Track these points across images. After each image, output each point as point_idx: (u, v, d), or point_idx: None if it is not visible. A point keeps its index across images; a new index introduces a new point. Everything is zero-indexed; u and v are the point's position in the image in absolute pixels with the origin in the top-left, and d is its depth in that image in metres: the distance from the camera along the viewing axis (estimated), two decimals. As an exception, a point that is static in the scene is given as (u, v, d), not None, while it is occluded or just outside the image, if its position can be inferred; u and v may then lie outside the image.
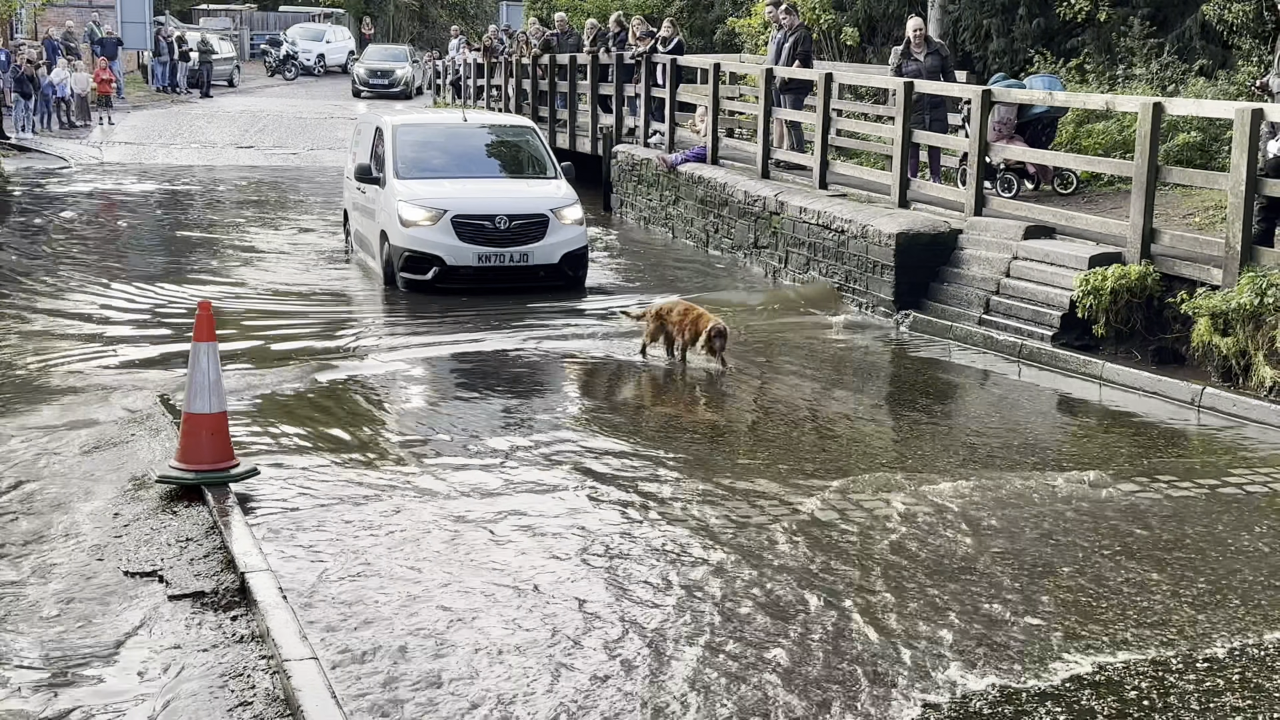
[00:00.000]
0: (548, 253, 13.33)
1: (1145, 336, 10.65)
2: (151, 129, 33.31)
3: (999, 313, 11.64)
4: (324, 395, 9.50)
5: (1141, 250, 10.82)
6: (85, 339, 11.47)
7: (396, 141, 14.31)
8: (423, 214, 13.13)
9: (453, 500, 7.17)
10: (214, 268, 15.49)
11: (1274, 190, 10.14)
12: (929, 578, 6.09)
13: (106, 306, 12.91)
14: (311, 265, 15.80)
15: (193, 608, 5.76)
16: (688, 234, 17.38)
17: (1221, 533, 6.75)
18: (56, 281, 14.24)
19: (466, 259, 13.06)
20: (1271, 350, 9.42)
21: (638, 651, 5.30)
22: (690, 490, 7.40)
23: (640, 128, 20.16)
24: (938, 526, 6.78)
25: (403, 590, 5.90)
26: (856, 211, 13.57)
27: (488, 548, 6.46)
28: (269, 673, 5.09)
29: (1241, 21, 14.26)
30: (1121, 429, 8.95)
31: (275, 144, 31.39)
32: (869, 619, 5.60)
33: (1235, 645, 5.37)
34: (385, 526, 6.73)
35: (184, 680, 5.11)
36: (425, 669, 5.11)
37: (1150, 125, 10.79)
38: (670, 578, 6.12)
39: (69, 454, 8.05)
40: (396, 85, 43.09)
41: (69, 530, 6.71)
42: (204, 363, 7.23)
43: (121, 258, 16.45)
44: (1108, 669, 5.13)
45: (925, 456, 8.23)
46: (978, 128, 12.79)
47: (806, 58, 16.84)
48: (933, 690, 4.96)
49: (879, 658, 5.23)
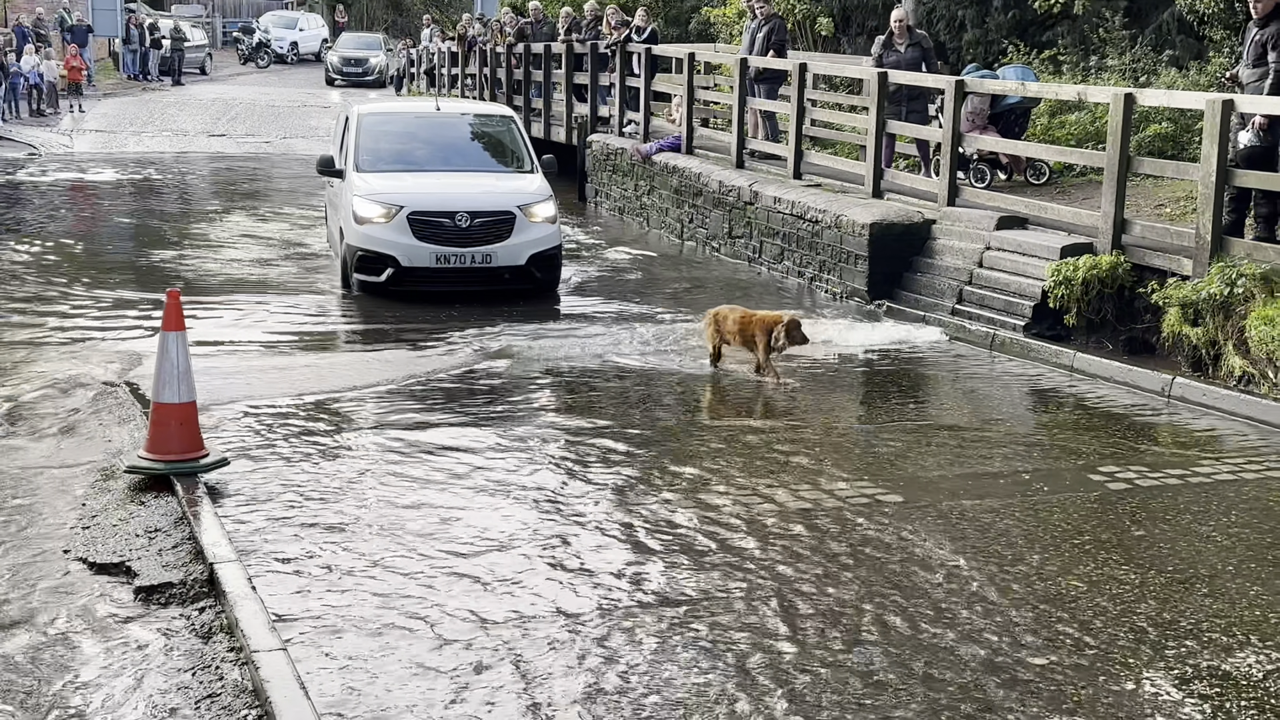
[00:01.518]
0: (513, 253, 12.32)
1: (1116, 326, 10.71)
2: (122, 117, 33.10)
3: (972, 302, 11.69)
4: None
5: (1113, 241, 10.87)
6: (51, 327, 11.38)
7: (360, 131, 13.41)
8: (378, 210, 12.20)
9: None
10: (179, 257, 15.34)
11: (1244, 181, 10.19)
12: (897, 568, 6.11)
13: (71, 295, 12.81)
14: (274, 260, 15.49)
15: (160, 599, 5.74)
16: (662, 224, 17.37)
17: (1189, 522, 6.80)
18: (25, 264, 14.15)
19: (423, 259, 12.07)
20: (1241, 340, 9.47)
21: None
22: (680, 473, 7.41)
23: (615, 117, 20.15)
24: (909, 516, 6.81)
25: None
26: (831, 202, 13.60)
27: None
28: (237, 664, 5.07)
29: (1213, 12, 14.32)
30: (1092, 419, 8.98)
31: (247, 132, 31.24)
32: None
33: (1202, 626, 5.42)
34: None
35: (150, 673, 5.09)
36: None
37: (1122, 116, 10.83)
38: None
39: (33, 444, 8.00)
40: (370, 74, 42.96)
41: (35, 522, 6.68)
42: (173, 352, 7.18)
43: (92, 244, 16.33)
44: (1089, 645, 5.18)
45: (898, 449, 8.26)
46: (951, 118, 12.82)
47: (781, 48, 16.82)
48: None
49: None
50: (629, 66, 19.60)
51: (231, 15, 59.32)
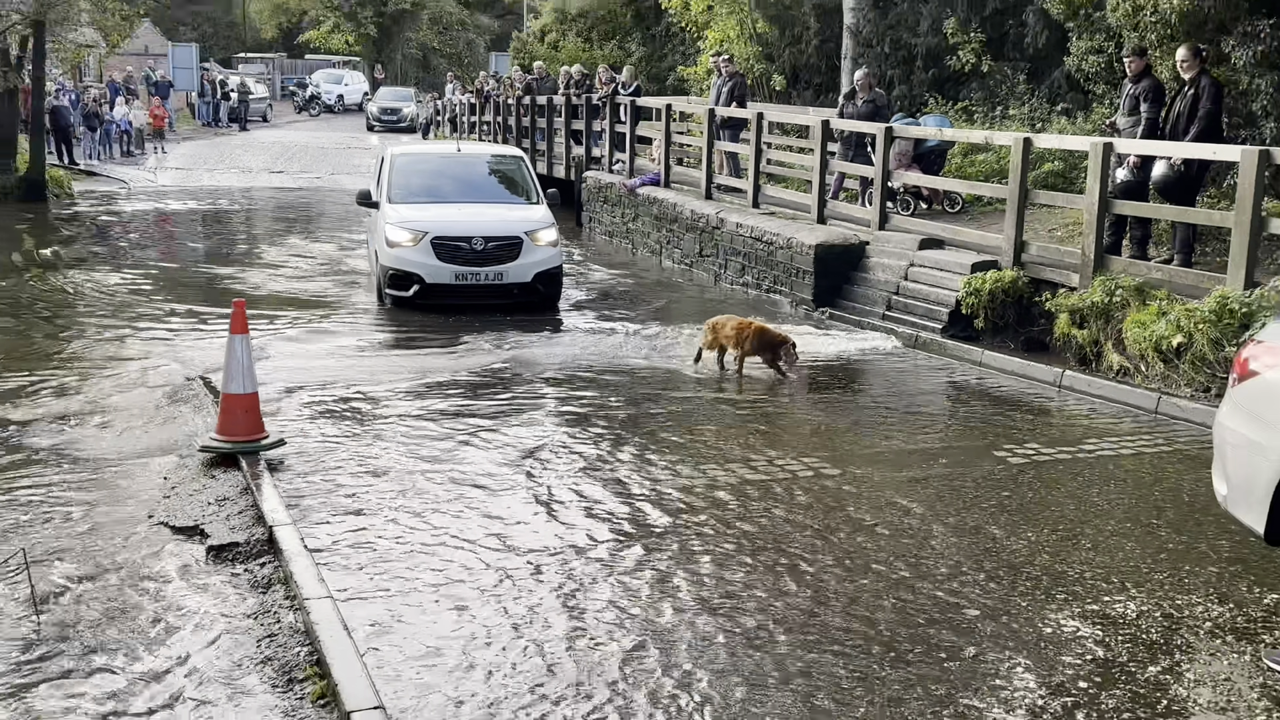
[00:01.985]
0: (521, 272, 12.16)
1: (1016, 329, 10.75)
2: (198, 157, 33.00)
3: (899, 309, 11.72)
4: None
5: (1014, 259, 10.91)
6: (142, 329, 11.36)
7: (393, 169, 13.33)
8: (406, 235, 12.05)
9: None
10: (243, 272, 15.30)
11: (1121, 209, 10.26)
12: (835, 525, 6.11)
13: (155, 305, 12.77)
14: (321, 276, 15.45)
15: (228, 556, 5.73)
16: (645, 246, 17.36)
17: (1076, 490, 6.83)
18: (118, 279, 14.09)
19: (444, 277, 11.95)
20: (1118, 340, 9.52)
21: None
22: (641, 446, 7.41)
23: (605, 157, 20.12)
24: (844, 485, 6.82)
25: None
26: (783, 226, 13.62)
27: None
28: (291, 610, 5.07)
29: (1095, 71, 14.38)
30: (997, 405, 9.01)
31: (302, 169, 31.14)
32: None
33: (1086, 575, 5.45)
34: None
35: (220, 616, 5.08)
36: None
37: (1021, 156, 10.87)
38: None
39: (126, 429, 7.97)
40: (404, 121, 42.86)
41: (127, 492, 6.66)
42: (238, 351, 7.17)
43: (172, 262, 16.27)
44: (993, 592, 5.19)
45: (839, 429, 8.27)
46: (881, 158, 12.85)
47: (742, 99, 16.85)
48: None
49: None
50: (617, 115, 19.58)
51: (288, 72, 59.13)
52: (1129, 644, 4.77)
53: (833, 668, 4.52)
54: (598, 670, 4.49)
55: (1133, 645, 4.76)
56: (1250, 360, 5.29)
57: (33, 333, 11.30)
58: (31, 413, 8.31)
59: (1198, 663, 4.63)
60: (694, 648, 4.68)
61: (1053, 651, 4.68)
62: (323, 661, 4.48)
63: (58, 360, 10.03)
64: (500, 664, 4.53)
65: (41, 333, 11.30)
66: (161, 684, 4.48)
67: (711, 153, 16.27)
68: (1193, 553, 5.80)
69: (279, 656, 4.66)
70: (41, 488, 6.70)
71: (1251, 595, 5.28)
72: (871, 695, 4.30)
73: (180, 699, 4.38)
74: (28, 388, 9.01)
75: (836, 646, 4.70)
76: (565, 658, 4.59)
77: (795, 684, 4.38)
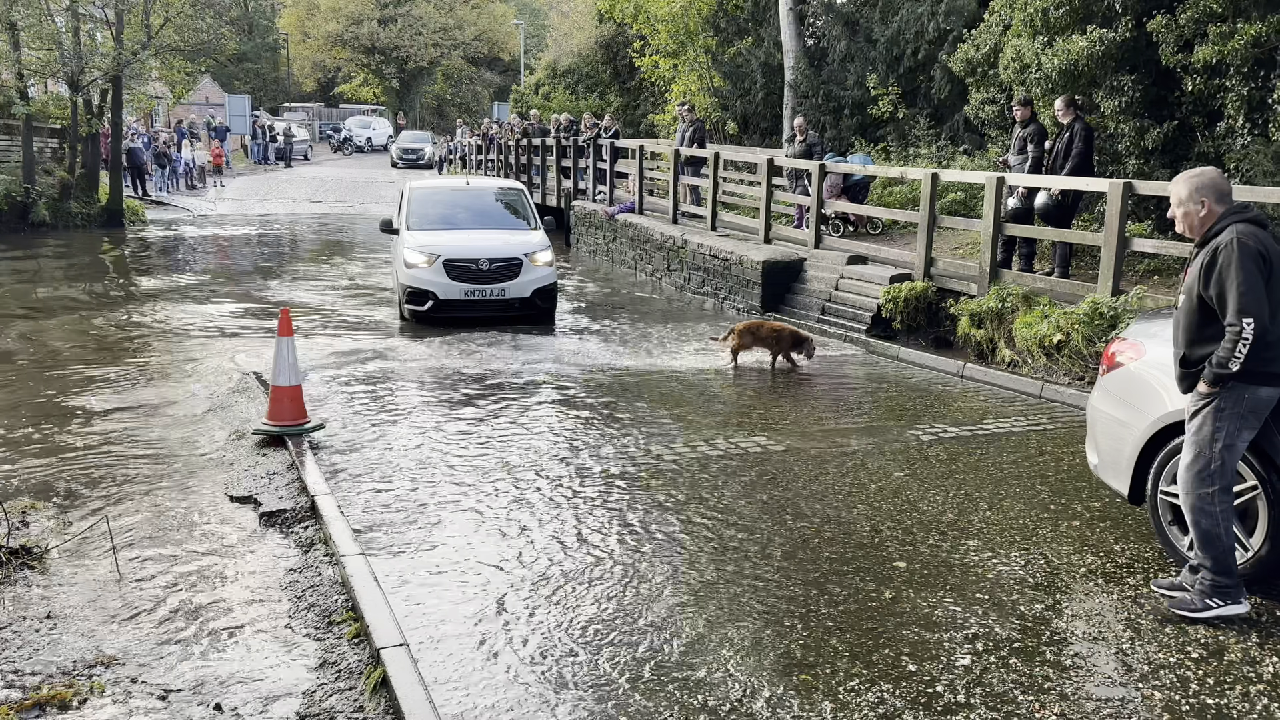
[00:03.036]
0: (521, 288, 11.73)
1: (927, 329, 10.81)
2: (250, 189, 32.67)
3: (831, 314, 11.75)
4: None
5: (924, 271, 10.97)
6: (205, 330, 11.25)
7: (411, 200, 12.83)
8: (422, 258, 11.59)
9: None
10: (289, 287, 15.19)
11: (1011, 231, 10.32)
12: (776, 487, 6.13)
13: (215, 313, 12.65)
14: (351, 291, 15.43)
15: (277, 520, 5.69)
16: (623, 262, 17.33)
17: (975, 461, 6.87)
18: (185, 291, 13.95)
19: (455, 294, 11.53)
20: (1009, 338, 9.58)
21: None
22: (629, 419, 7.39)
23: (590, 188, 20.07)
24: (788, 456, 6.82)
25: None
26: (736, 246, 13.62)
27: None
28: (330, 565, 5.04)
29: (990, 117, 14.48)
30: (911, 392, 9.05)
31: (337, 199, 30.90)
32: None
33: (984, 531, 5.49)
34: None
35: (271, 571, 5.04)
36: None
37: (930, 187, 10.92)
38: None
39: (192, 416, 7.90)
40: (422, 159, 42.59)
41: (192, 468, 6.60)
42: (285, 351, 7.12)
43: (229, 276, 16.12)
44: (908, 545, 5.22)
45: (781, 412, 8.28)
46: (816, 190, 12.87)
47: (702, 141, 16.86)
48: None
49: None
50: (599, 154, 19.54)
51: (325, 119, 58.64)
52: (1018, 585, 4.81)
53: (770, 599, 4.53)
54: (610, 621, 4.49)
55: (1021, 587, 4.80)
56: (1117, 354, 5.35)
57: (101, 334, 11.17)
58: (109, 402, 8.22)
59: (1075, 601, 4.67)
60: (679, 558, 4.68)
61: (955, 593, 4.72)
62: (356, 607, 4.46)
63: (133, 357, 9.92)
64: (512, 614, 4.52)
65: (116, 334, 11.17)
66: (227, 619, 4.45)
67: (677, 185, 16.25)
68: (1069, 511, 5.84)
69: (320, 603, 4.63)
70: (120, 465, 6.63)
71: (1118, 546, 5.33)
72: (810, 629, 4.32)
73: (243, 629, 4.35)
74: (108, 381, 8.91)
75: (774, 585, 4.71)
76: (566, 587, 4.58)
77: (727, 595, 4.39)
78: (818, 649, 4.14)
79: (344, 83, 60.10)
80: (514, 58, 59.09)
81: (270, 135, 42.54)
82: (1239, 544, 4.65)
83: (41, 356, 9.98)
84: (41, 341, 10.73)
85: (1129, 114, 11.55)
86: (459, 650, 4.12)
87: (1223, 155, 10.73)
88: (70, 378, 9.06)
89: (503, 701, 3.75)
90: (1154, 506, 5.02)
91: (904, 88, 18.41)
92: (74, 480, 6.31)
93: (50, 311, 12.59)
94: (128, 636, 4.33)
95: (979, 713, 3.70)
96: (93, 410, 7.95)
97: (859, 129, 19.56)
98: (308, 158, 45.75)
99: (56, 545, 5.21)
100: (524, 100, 37.26)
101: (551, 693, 3.82)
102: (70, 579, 4.87)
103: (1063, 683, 3.91)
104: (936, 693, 3.83)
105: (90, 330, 11.40)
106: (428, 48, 55.36)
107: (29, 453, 6.86)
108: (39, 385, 8.79)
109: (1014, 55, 12.36)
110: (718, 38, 24.29)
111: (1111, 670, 4.01)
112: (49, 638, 4.29)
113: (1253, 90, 10.24)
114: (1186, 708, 3.75)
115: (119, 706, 3.79)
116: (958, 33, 16.49)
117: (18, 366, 9.55)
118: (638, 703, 3.73)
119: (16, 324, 11.70)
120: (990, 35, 13.82)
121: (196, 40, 25.50)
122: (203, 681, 3.99)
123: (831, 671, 3.96)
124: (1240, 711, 3.73)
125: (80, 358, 9.92)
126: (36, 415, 7.80)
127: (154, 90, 26.56)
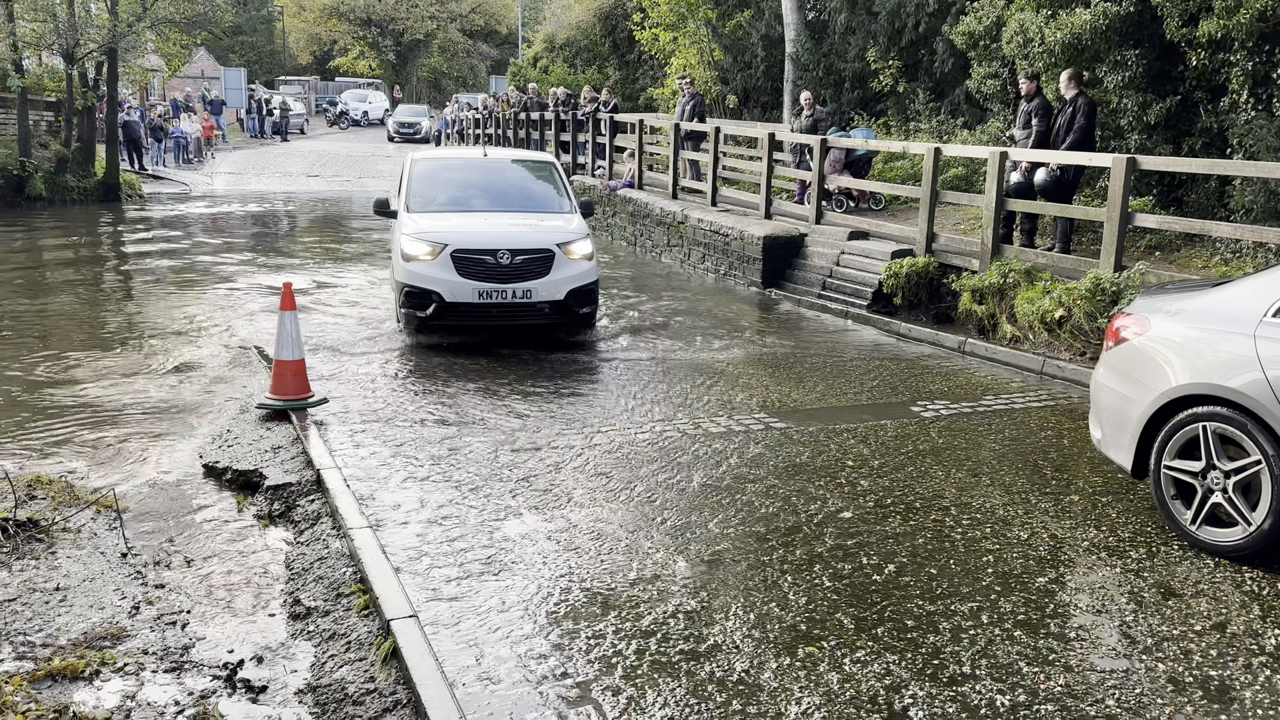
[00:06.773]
0: (552, 289, 9.09)
1: (928, 305, 10.80)
2: (246, 164, 32.48)
3: (832, 290, 11.74)
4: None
5: (926, 247, 10.95)
6: (207, 308, 11.22)
7: (413, 175, 10.24)
8: (424, 248, 9.03)
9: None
10: (293, 265, 15.12)
11: (1013, 207, 10.29)
12: (780, 464, 6.14)
13: (215, 289, 12.61)
14: (351, 269, 15.36)
15: (283, 494, 5.70)
16: (623, 238, 17.28)
17: (977, 436, 6.88)
18: (185, 266, 13.90)
19: (466, 295, 8.90)
20: (1011, 314, 9.58)
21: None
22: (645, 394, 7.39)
23: (589, 163, 19.98)
24: (789, 433, 6.83)
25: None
26: (736, 221, 13.58)
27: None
28: (337, 537, 5.05)
29: (993, 91, 14.39)
30: (912, 367, 9.05)
31: (334, 174, 30.75)
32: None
33: (985, 504, 5.51)
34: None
35: (279, 543, 5.06)
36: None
37: (932, 162, 10.88)
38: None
39: (195, 390, 7.89)
40: (419, 133, 42.40)
41: (201, 441, 6.60)
42: (287, 325, 7.11)
43: (227, 250, 16.06)
44: (911, 520, 5.24)
45: (784, 390, 8.28)
46: (818, 165, 12.82)
47: (702, 115, 16.76)
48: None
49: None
50: (598, 129, 19.44)
51: (321, 92, 58.28)
52: (1022, 559, 4.84)
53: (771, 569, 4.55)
54: (614, 574, 4.51)
55: (1025, 560, 4.82)
56: (1122, 329, 5.35)
57: (108, 310, 11.14)
58: (114, 378, 8.21)
59: (1078, 574, 4.70)
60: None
61: (959, 567, 4.74)
62: (365, 579, 4.47)
63: (136, 334, 9.90)
64: (516, 580, 4.54)
65: (118, 311, 11.14)
66: (234, 592, 4.46)
67: (677, 160, 16.18)
68: (1071, 486, 5.87)
69: (329, 575, 4.65)
70: (127, 437, 6.63)
71: (1120, 520, 5.35)
72: (814, 603, 4.35)
73: (251, 602, 4.37)
74: (111, 358, 8.90)
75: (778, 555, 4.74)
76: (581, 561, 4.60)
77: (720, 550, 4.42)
78: (823, 623, 4.16)
79: (340, 56, 59.68)
80: (511, 30, 58.64)
81: (266, 109, 42.27)
82: (1241, 518, 4.68)
83: (43, 334, 9.95)
84: (40, 321, 10.70)
85: (1132, 88, 11.49)
86: (462, 619, 4.14)
87: (1226, 130, 10.69)
88: (66, 356, 9.04)
89: (515, 673, 3.77)
90: (1157, 481, 5.04)
91: (905, 61, 18.29)
92: (79, 456, 6.31)
93: (50, 290, 12.54)
94: (138, 610, 4.35)
95: (985, 684, 3.73)
96: (89, 386, 7.94)
97: (860, 103, 19.45)
98: (304, 132, 45.47)
99: (63, 518, 5.22)
100: (522, 74, 36.96)
101: (562, 668, 3.84)
102: (77, 552, 4.89)
103: (1067, 654, 3.94)
104: (942, 664, 3.86)
105: (87, 308, 11.36)
106: (424, 20, 54.92)
107: (34, 429, 6.86)
108: (36, 366, 8.76)
109: (1017, 28, 12.27)
110: (718, 10, 24.08)
111: (1115, 642, 4.04)
112: (58, 610, 4.31)
113: (1257, 65, 10.18)
114: (1190, 679, 3.79)
115: (130, 679, 3.82)
116: (960, 5, 16.35)
117: (15, 342, 9.53)
118: (645, 674, 3.76)
119: (8, 303, 11.66)
120: (993, 8, 13.71)
121: (192, 12, 25.27)
122: (212, 654, 4.01)
123: (837, 644, 3.99)
124: (1243, 683, 3.76)
125: (77, 337, 9.89)
126: (39, 392, 7.79)
127: (149, 63, 26.34)
